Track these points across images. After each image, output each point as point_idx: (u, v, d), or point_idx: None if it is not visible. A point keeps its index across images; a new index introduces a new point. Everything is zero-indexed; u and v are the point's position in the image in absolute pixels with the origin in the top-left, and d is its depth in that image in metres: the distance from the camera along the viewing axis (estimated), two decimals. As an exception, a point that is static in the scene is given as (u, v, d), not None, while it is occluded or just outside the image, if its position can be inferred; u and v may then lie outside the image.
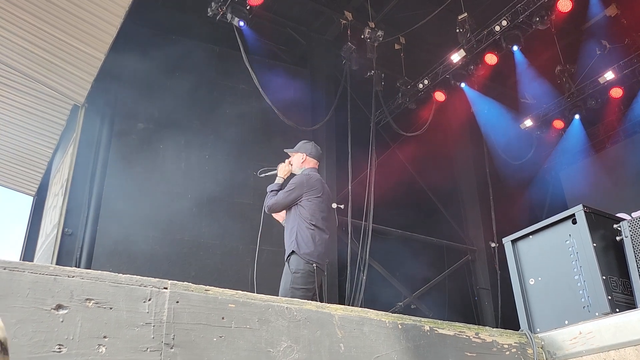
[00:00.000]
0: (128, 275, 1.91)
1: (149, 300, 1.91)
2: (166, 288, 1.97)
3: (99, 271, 1.89)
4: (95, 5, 6.84)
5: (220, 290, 2.09)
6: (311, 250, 4.20)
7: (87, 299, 1.80)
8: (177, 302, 1.97)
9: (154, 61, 8.64)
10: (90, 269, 7.07)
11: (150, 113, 8.33)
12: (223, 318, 2.03)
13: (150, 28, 8.86)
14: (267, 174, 4.66)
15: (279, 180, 4.52)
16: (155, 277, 2.04)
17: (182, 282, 2.01)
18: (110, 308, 1.83)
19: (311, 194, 4.39)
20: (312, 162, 4.64)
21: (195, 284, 2.10)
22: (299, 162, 4.61)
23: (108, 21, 7.02)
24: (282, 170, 4.58)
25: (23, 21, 7.04)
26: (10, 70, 7.90)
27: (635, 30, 9.87)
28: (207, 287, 2.08)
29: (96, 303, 1.81)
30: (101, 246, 7.31)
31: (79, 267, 7.07)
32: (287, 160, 4.63)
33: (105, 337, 1.78)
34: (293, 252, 4.20)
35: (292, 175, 4.60)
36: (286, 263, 4.21)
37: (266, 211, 4.45)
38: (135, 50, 8.50)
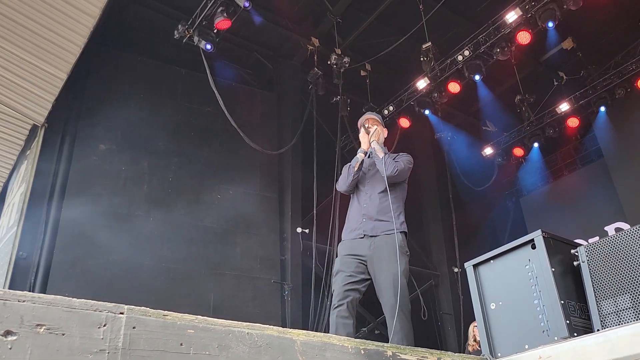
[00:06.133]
0: (83, 299, 1.84)
1: (104, 326, 1.84)
2: (122, 313, 1.90)
3: (53, 295, 1.82)
4: (60, 25, 6.75)
5: (180, 315, 2.04)
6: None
7: (38, 325, 1.73)
8: (134, 327, 1.90)
9: (118, 82, 8.56)
10: (44, 293, 6.83)
11: (113, 134, 8.20)
12: (181, 344, 1.98)
13: (116, 49, 8.78)
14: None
15: (376, 145, 3.91)
16: (113, 303, 1.98)
17: (139, 307, 1.95)
18: (63, 334, 1.76)
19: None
20: None
21: (155, 309, 2.04)
22: (383, 137, 4.12)
23: (72, 41, 6.92)
24: (377, 134, 3.99)
25: (-17, 39, 6.88)
26: (-33, 89, 7.69)
27: (590, 63, 10.29)
28: (166, 312, 2.02)
29: (47, 329, 1.74)
30: (57, 270, 7.06)
31: (33, 291, 6.82)
32: (377, 128, 4.06)
33: (56, 364, 1.71)
34: (405, 232, 3.72)
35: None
36: (397, 237, 3.61)
37: (394, 173, 3.73)
38: (99, 70, 8.41)
